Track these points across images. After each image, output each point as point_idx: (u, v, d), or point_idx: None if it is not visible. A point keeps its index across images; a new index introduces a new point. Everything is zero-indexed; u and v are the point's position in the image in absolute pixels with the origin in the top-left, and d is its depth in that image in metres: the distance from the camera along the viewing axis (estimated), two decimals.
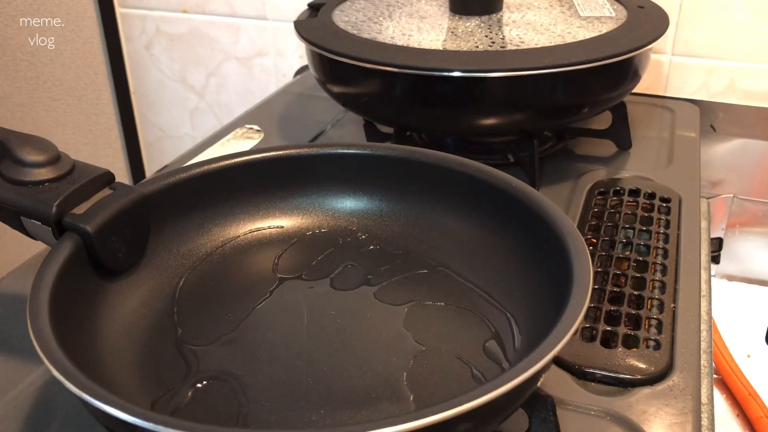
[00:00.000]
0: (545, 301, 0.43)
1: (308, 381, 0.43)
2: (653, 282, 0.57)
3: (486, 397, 0.32)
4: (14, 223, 0.46)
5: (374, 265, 0.53)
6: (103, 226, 0.44)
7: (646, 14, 0.75)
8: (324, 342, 0.47)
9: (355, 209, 0.57)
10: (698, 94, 0.93)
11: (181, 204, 0.53)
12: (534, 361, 0.34)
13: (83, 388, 0.33)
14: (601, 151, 0.80)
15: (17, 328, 0.53)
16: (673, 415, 0.45)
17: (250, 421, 0.41)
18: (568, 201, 0.69)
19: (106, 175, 0.47)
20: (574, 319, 0.37)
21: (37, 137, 0.47)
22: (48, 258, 0.42)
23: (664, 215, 0.66)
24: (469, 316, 0.48)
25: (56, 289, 0.40)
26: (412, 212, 0.55)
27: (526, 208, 0.48)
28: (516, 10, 0.77)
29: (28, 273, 0.59)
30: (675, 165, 0.77)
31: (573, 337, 0.50)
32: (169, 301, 0.49)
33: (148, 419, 0.31)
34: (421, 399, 0.42)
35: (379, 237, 0.56)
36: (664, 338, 0.51)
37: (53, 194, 0.44)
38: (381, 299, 0.50)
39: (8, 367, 0.50)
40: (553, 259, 0.44)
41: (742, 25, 0.88)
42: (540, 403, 0.40)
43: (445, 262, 0.53)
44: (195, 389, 0.43)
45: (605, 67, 0.65)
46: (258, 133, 0.86)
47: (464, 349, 0.45)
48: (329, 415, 0.41)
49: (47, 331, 0.37)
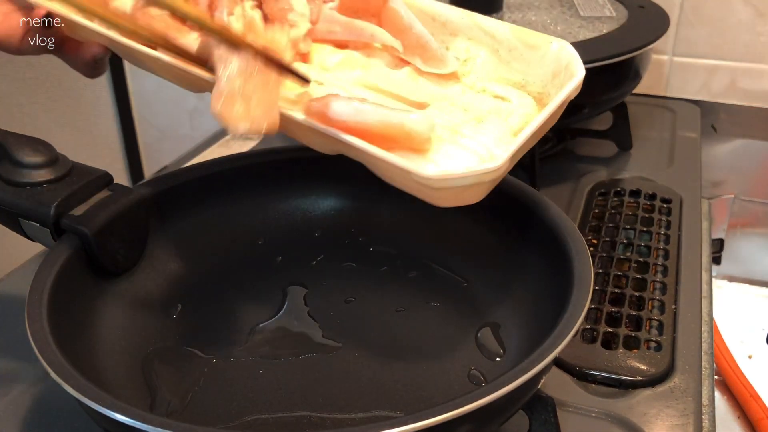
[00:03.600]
0: (546, 302, 0.43)
1: (306, 384, 0.43)
2: (654, 283, 0.57)
3: (487, 399, 0.32)
4: (12, 225, 0.46)
5: (374, 265, 0.53)
6: (101, 227, 0.44)
7: (646, 14, 0.75)
8: (322, 345, 0.46)
9: (355, 210, 0.57)
10: (699, 95, 0.93)
11: (180, 205, 0.53)
12: (535, 363, 0.34)
13: (81, 391, 0.33)
14: (602, 151, 0.80)
15: (15, 330, 0.53)
16: (675, 417, 0.45)
17: (249, 423, 0.41)
18: (569, 202, 0.69)
19: (105, 176, 0.47)
20: (574, 321, 0.37)
21: (36, 138, 0.46)
22: (46, 260, 0.42)
23: (665, 216, 0.66)
24: (467, 316, 0.48)
25: (54, 291, 0.40)
26: (412, 213, 0.55)
27: (527, 208, 0.48)
28: (516, 10, 0.77)
29: (26, 274, 0.59)
30: (676, 165, 0.77)
31: (574, 339, 0.49)
32: (168, 303, 0.49)
33: (146, 421, 0.31)
34: (420, 401, 0.42)
35: (377, 238, 0.55)
36: (665, 339, 0.51)
37: (51, 196, 0.44)
38: (380, 299, 0.50)
39: (6, 369, 0.50)
40: (553, 260, 0.44)
41: (743, 25, 0.88)
42: (541, 404, 0.40)
43: (444, 262, 0.53)
44: (193, 391, 0.43)
45: (606, 67, 0.65)
46: None
47: (463, 349, 0.45)
48: (327, 418, 0.41)
49: (45, 333, 0.37)
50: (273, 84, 0.39)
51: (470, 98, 0.44)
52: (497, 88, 0.45)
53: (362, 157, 0.40)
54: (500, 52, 0.45)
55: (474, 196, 0.39)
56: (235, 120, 0.37)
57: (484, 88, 0.45)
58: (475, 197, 0.39)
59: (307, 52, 0.45)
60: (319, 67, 0.44)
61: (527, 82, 0.44)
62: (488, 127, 0.41)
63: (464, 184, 0.37)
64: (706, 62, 0.91)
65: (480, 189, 0.38)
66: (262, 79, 0.39)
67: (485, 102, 0.44)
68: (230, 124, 0.37)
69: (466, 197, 0.39)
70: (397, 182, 0.40)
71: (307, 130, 0.40)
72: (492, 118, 0.42)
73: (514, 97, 0.44)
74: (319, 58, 0.45)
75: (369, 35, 0.45)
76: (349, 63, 0.45)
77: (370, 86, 0.44)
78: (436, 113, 0.43)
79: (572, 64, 0.42)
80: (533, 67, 0.44)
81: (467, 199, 0.39)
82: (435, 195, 0.39)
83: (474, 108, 0.43)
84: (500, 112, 0.42)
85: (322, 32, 0.45)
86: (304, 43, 0.45)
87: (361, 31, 0.45)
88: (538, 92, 0.44)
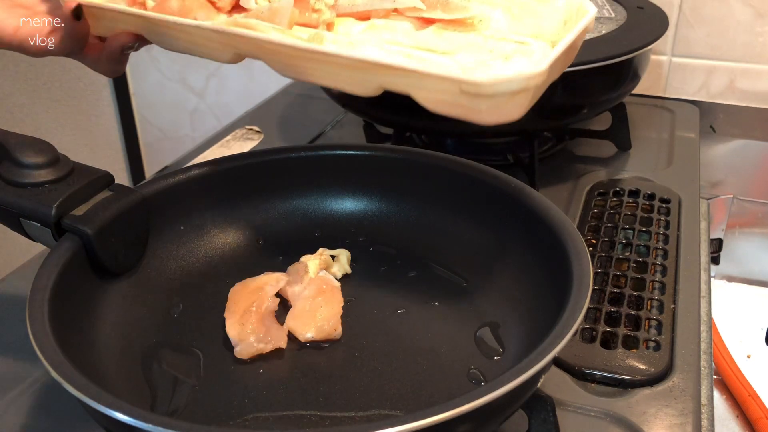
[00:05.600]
0: (545, 301, 0.43)
1: (306, 383, 0.43)
2: (653, 283, 0.57)
3: (486, 398, 0.32)
4: (14, 224, 0.46)
5: (374, 265, 0.53)
6: (102, 227, 0.44)
7: (645, 15, 0.75)
8: (321, 346, 0.47)
9: (355, 210, 0.57)
10: (698, 95, 0.93)
11: (181, 206, 0.53)
12: (534, 362, 0.34)
13: (82, 390, 0.33)
14: (601, 151, 0.80)
15: (17, 329, 0.53)
16: (673, 416, 0.45)
17: (249, 422, 0.41)
18: (568, 202, 0.69)
19: (106, 176, 0.47)
20: (574, 320, 0.37)
21: (37, 139, 0.47)
22: (47, 259, 0.42)
23: (664, 216, 0.66)
24: (467, 316, 0.48)
25: (55, 290, 0.40)
26: (412, 213, 0.55)
27: (526, 208, 0.48)
28: None
29: (27, 274, 0.59)
30: (675, 166, 0.77)
31: (573, 338, 0.50)
32: (168, 303, 0.49)
33: (147, 420, 0.31)
34: (419, 400, 0.42)
35: (377, 238, 0.56)
36: (664, 339, 0.51)
37: (53, 196, 0.44)
38: (380, 299, 0.50)
39: (7, 369, 0.50)
40: (552, 260, 0.44)
41: (741, 25, 0.88)
42: (540, 403, 0.40)
43: (444, 262, 0.53)
44: (194, 390, 0.43)
45: (605, 68, 0.65)
46: (258, 134, 0.86)
47: (463, 349, 0.45)
48: (327, 416, 0.41)
49: (46, 333, 0.37)
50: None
51: (493, 44, 0.46)
52: (515, 37, 0.47)
53: (409, 83, 0.41)
54: (513, 10, 0.48)
55: (517, 108, 0.40)
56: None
57: (504, 37, 0.47)
58: (518, 109, 0.40)
59: (332, 21, 0.47)
60: (345, 36, 0.46)
61: (540, 34, 0.47)
62: (516, 61, 0.44)
63: (512, 89, 0.38)
64: (704, 63, 0.91)
65: (524, 97, 0.40)
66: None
67: (508, 45, 0.46)
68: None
69: (510, 108, 0.40)
70: (442, 102, 0.41)
71: (350, 67, 0.41)
72: (517, 56, 0.44)
73: (532, 42, 0.46)
74: (344, 29, 0.47)
75: (390, 1, 0.47)
76: (374, 29, 0.47)
77: (398, 43, 0.46)
78: (465, 55, 0.44)
79: (582, 7, 0.46)
80: (545, 20, 0.47)
81: (511, 111, 0.40)
82: (482, 106, 0.40)
83: (499, 49, 0.45)
84: (524, 52, 0.45)
85: (344, 7, 0.47)
86: (330, 14, 0.47)
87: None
88: (552, 41, 0.46)
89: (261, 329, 0.46)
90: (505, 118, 0.40)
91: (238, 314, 0.46)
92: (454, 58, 0.44)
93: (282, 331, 0.46)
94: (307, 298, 0.48)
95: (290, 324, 0.47)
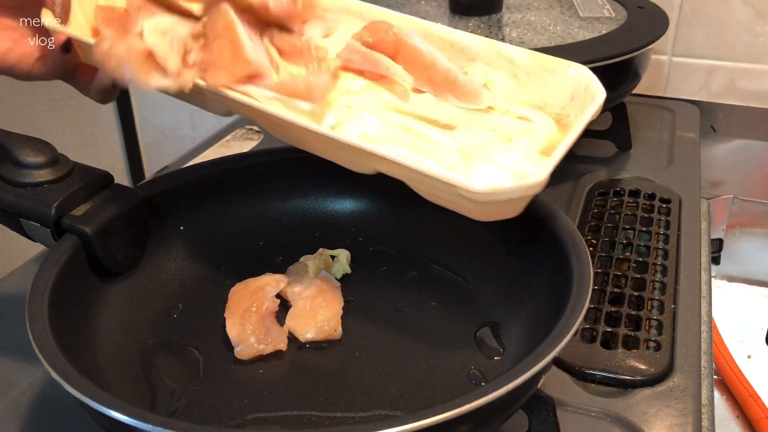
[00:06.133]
0: (545, 301, 0.43)
1: (306, 384, 0.43)
2: (653, 283, 0.57)
3: (486, 398, 0.32)
4: (13, 224, 0.46)
5: (374, 265, 0.53)
6: (102, 227, 0.44)
7: (645, 15, 0.75)
8: (321, 346, 0.47)
9: (355, 210, 0.57)
10: (698, 95, 0.93)
11: (181, 205, 0.53)
12: (534, 362, 0.34)
13: (82, 390, 0.33)
14: (601, 151, 0.80)
15: (16, 330, 0.53)
16: (674, 416, 0.45)
17: (249, 422, 0.41)
18: (568, 202, 0.69)
19: (106, 176, 0.47)
20: (574, 320, 0.37)
21: (37, 139, 0.47)
22: (47, 260, 0.42)
23: (664, 216, 0.66)
24: (467, 316, 0.48)
25: (55, 290, 0.40)
26: (412, 213, 0.55)
27: (526, 208, 0.48)
28: (516, 10, 0.77)
29: (27, 274, 0.59)
30: (675, 166, 0.77)
31: (573, 338, 0.50)
32: (168, 303, 0.49)
33: (146, 421, 0.31)
34: (419, 400, 0.42)
35: (377, 238, 0.56)
36: (665, 339, 0.51)
37: (52, 196, 0.44)
38: (380, 299, 0.50)
39: (7, 369, 0.50)
40: (553, 260, 0.44)
41: (742, 25, 0.88)
42: (540, 404, 0.40)
43: (443, 262, 0.53)
44: (194, 390, 0.43)
45: (605, 67, 0.65)
46: (257, 134, 0.85)
47: (463, 349, 0.45)
48: (327, 417, 0.41)
49: (46, 333, 0.37)
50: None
51: (496, 119, 0.45)
52: (518, 110, 0.45)
53: (404, 174, 0.40)
54: (518, 76, 0.46)
55: (514, 210, 0.40)
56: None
57: (506, 110, 0.46)
58: (514, 211, 0.40)
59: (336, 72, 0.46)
60: (345, 91, 0.45)
61: (545, 104, 0.45)
62: (517, 146, 0.42)
63: (510, 198, 0.38)
64: (705, 62, 0.91)
65: (521, 203, 0.39)
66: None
67: (511, 122, 0.44)
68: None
69: (506, 211, 0.40)
70: (437, 197, 0.40)
71: (347, 149, 0.41)
72: (519, 137, 0.43)
73: (536, 118, 0.45)
74: (344, 83, 0.45)
75: (385, 68, 0.46)
76: (375, 87, 0.46)
77: (398, 109, 0.45)
78: (465, 133, 0.43)
79: (591, 85, 0.43)
80: (551, 90, 0.45)
81: (507, 213, 0.40)
82: (478, 209, 0.39)
83: (501, 128, 0.44)
84: (527, 132, 0.43)
85: (342, 59, 0.46)
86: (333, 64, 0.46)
87: (378, 62, 0.45)
88: (557, 113, 0.45)
89: (261, 330, 0.46)
90: (498, 218, 0.41)
91: (239, 315, 0.46)
92: (454, 136, 0.43)
93: (282, 332, 0.46)
94: (307, 299, 0.48)
95: (290, 324, 0.47)
